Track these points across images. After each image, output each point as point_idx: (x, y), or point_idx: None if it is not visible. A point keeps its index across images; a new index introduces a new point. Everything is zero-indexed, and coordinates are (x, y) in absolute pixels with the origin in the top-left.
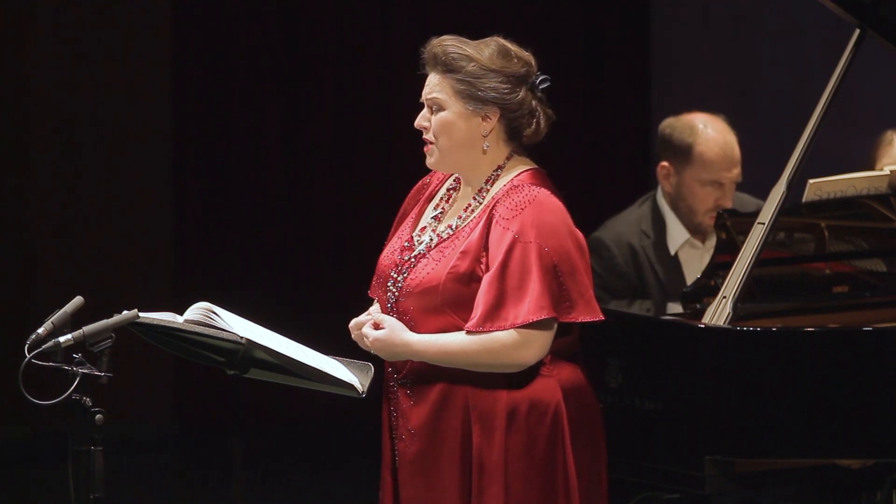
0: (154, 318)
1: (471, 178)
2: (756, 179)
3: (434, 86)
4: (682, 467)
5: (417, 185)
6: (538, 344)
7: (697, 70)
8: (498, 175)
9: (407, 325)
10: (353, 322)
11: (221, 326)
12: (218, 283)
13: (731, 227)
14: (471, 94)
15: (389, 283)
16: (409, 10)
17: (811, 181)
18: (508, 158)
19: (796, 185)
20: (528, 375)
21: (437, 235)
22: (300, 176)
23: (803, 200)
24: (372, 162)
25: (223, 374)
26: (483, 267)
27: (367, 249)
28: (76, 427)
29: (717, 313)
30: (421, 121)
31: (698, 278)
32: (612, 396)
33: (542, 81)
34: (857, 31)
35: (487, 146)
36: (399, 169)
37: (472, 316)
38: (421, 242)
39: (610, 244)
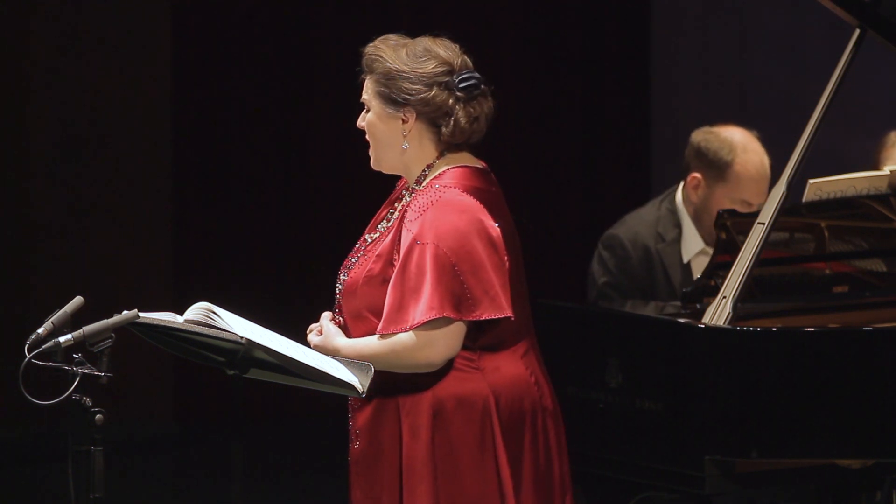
0: (154, 318)
1: (409, 178)
2: None
3: (365, 87)
4: (682, 467)
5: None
6: (441, 344)
7: (697, 70)
8: (426, 174)
9: (343, 330)
10: (308, 329)
11: (221, 326)
12: (218, 283)
13: (731, 227)
14: (386, 96)
15: (337, 284)
16: (410, 12)
17: (811, 181)
18: (439, 157)
19: (796, 185)
20: (453, 373)
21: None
22: (300, 176)
23: (803, 200)
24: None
25: (223, 374)
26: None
27: None
28: (76, 427)
29: (717, 313)
30: (359, 121)
31: (698, 278)
32: (612, 396)
33: (462, 80)
34: (857, 31)
35: (406, 146)
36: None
37: (381, 319)
38: (367, 243)
39: (626, 243)
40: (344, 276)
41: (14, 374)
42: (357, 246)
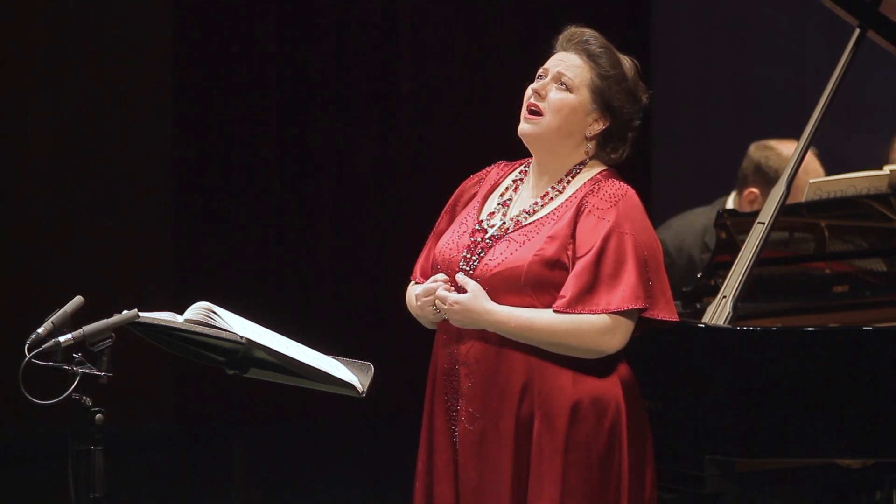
0: (154, 318)
1: (550, 167)
2: None
3: (574, 66)
4: (682, 467)
5: (474, 178)
6: (623, 332)
7: (697, 70)
8: (580, 170)
9: None
10: (421, 289)
11: (221, 326)
12: (218, 283)
13: (731, 227)
14: (602, 94)
15: (461, 264)
16: (410, 13)
17: (811, 181)
18: (590, 158)
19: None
20: (594, 368)
21: (513, 220)
22: (300, 176)
23: (803, 200)
24: (371, 162)
25: (223, 374)
26: (569, 254)
27: (367, 249)
28: (76, 427)
29: (717, 313)
30: (540, 88)
31: (698, 278)
32: None
33: (641, 118)
34: (857, 31)
35: (589, 148)
36: (398, 170)
37: (561, 297)
38: (493, 226)
39: (671, 250)
40: (475, 255)
41: (14, 374)
42: (475, 228)
